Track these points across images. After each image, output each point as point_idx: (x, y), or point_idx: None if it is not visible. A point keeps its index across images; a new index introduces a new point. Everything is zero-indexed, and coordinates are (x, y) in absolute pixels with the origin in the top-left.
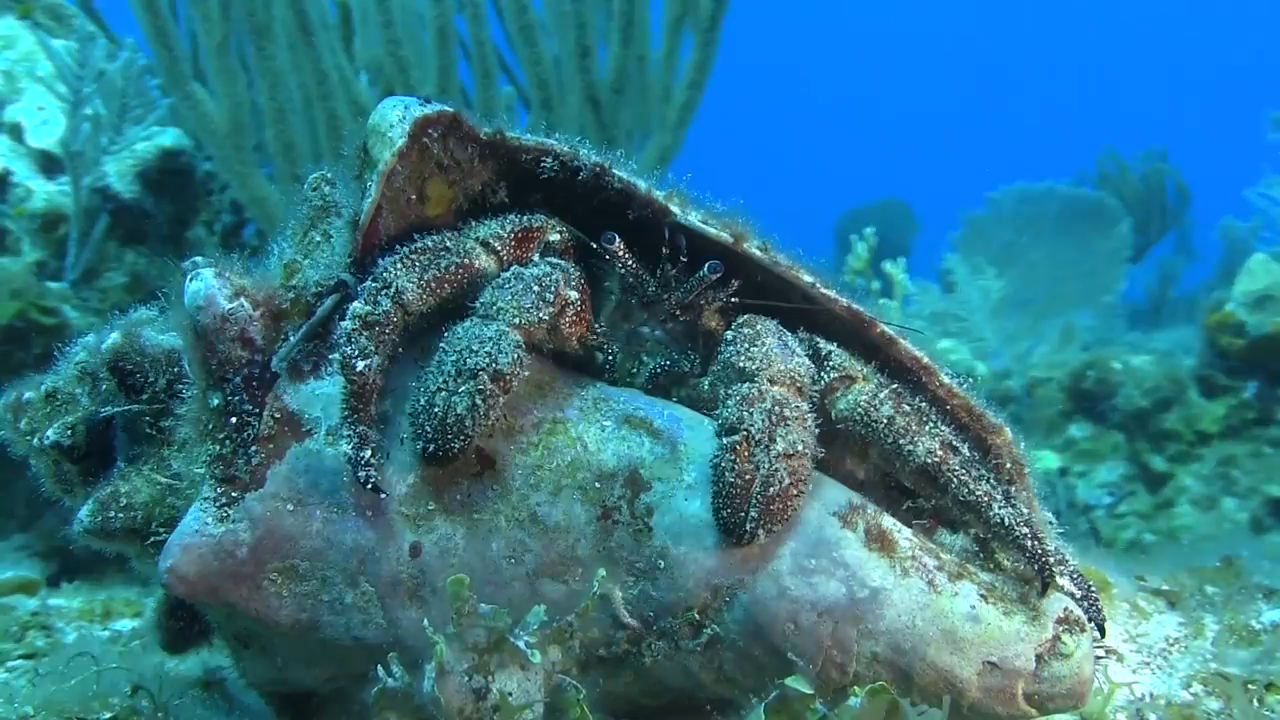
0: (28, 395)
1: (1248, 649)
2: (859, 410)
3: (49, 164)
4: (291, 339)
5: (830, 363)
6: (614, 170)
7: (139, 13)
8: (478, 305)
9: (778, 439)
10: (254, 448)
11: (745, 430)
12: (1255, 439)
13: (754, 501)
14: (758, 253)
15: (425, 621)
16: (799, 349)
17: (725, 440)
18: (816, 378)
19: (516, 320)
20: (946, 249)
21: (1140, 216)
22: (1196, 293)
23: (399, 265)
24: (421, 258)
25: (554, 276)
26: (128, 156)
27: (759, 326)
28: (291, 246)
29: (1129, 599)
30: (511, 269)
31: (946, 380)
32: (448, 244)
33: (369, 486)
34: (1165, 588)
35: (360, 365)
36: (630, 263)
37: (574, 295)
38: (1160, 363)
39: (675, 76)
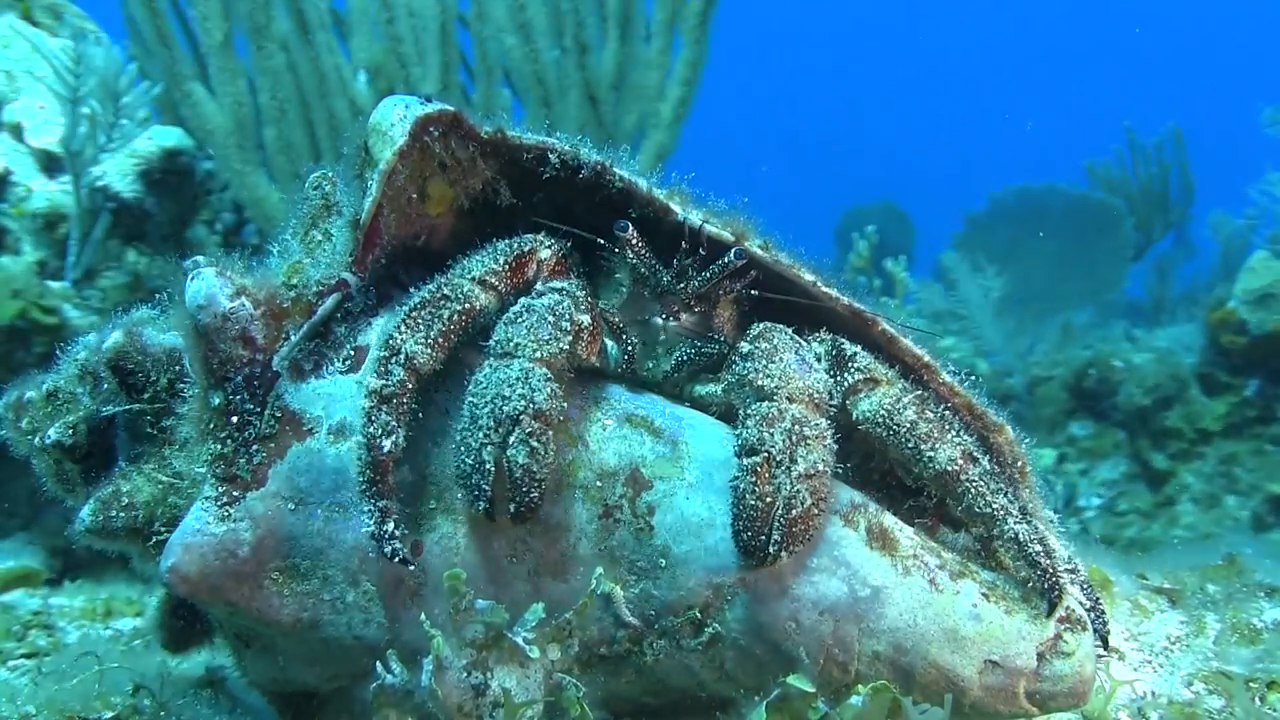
0: (29, 394)
1: (1249, 647)
2: (881, 413)
3: (49, 163)
4: (293, 338)
5: (855, 364)
6: (615, 169)
7: (139, 12)
8: (493, 344)
9: (799, 459)
10: (255, 447)
11: (766, 451)
12: (1257, 437)
13: (777, 524)
14: (759, 251)
15: (423, 616)
16: (815, 360)
17: (746, 461)
18: (840, 380)
19: (538, 354)
20: (947, 247)
21: (1143, 213)
22: (1198, 290)
23: (403, 329)
24: (424, 314)
25: (565, 304)
26: (129, 155)
27: (776, 340)
28: (293, 245)
29: (1130, 597)
30: (521, 301)
31: (948, 379)
32: (445, 291)
33: (396, 560)
34: (1167, 586)
35: (387, 445)
36: (644, 252)
37: (586, 319)
38: (1162, 361)
39: (669, 75)
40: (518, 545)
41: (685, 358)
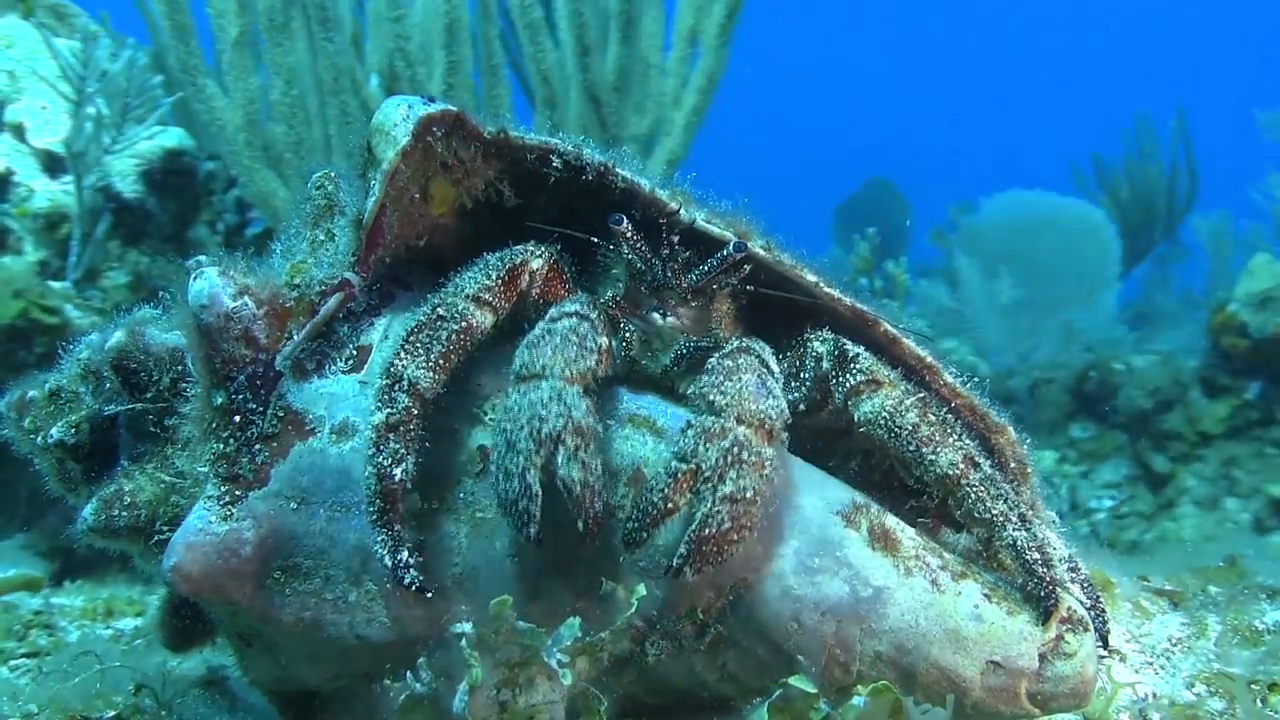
0: (31, 394)
1: (1251, 649)
2: (884, 415)
3: (51, 163)
4: (296, 338)
5: (857, 365)
6: (618, 169)
7: (159, 5)
8: (517, 368)
9: (727, 481)
10: (258, 446)
11: (696, 464)
12: (1258, 440)
13: (687, 538)
14: (761, 252)
15: (464, 643)
16: (777, 386)
17: (672, 465)
18: (841, 381)
19: (567, 373)
20: (942, 247)
21: (1145, 213)
22: (1199, 293)
23: (403, 355)
24: (422, 336)
25: (584, 327)
26: (130, 156)
27: (741, 360)
28: (296, 245)
29: (1131, 599)
30: (540, 326)
31: (950, 380)
32: (440, 312)
33: (414, 589)
34: (1168, 588)
35: (397, 473)
36: (639, 245)
37: (604, 341)
38: (1163, 363)
39: (685, 83)
40: (519, 545)
41: (683, 352)
